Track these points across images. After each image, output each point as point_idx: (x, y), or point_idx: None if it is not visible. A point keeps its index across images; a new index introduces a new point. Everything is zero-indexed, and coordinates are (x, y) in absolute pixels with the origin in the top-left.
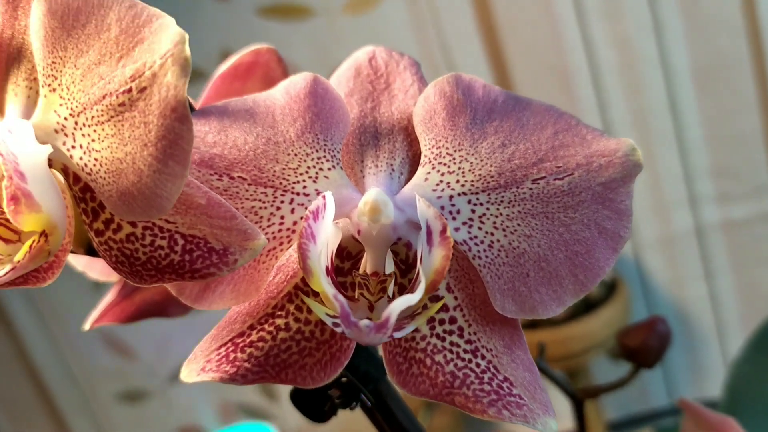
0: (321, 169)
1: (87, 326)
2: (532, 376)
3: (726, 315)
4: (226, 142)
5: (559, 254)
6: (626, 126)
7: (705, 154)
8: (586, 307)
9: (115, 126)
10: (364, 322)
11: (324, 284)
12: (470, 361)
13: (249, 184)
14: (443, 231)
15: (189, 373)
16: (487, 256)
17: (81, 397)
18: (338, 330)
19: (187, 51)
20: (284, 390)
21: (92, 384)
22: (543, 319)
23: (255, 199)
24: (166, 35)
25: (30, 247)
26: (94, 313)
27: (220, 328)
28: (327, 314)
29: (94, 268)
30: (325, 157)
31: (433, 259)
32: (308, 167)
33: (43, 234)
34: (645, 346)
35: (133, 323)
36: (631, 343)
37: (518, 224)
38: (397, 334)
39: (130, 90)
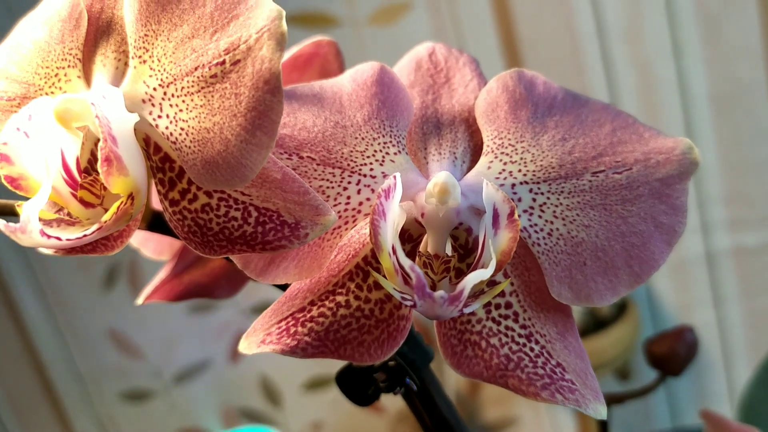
0: (387, 153)
1: (140, 301)
2: (583, 363)
3: (733, 342)
4: (296, 124)
5: (615, 245)
6: None
7: (719, 180)
8: (596, 325)
9: (205, 97)
10: (439, 293)
11: (400, 257)
12: (524, 345)
13: (318, 164)
14: (511, 214)
15: (249, 345)
16: (546, 244)
17: (85, 394)
18: (407, 303)
19: (284, 26)
20: (287, 396)
21: (97, 382)
22: None
23: (323, 179)
24: (262, 11)
25: (117, 208)
26: (147, 289)
27: (280, 304)
28: (395, 289)
29: (147, 246)
30: (391, 142)
31: (500, 241)
32: (375, 151)
33: (130, 197)
34: (672, 353)
35: (182, 301)
36: (659, 350)
37: (577, 214)
38: (465, 310)
39: (223, 62)
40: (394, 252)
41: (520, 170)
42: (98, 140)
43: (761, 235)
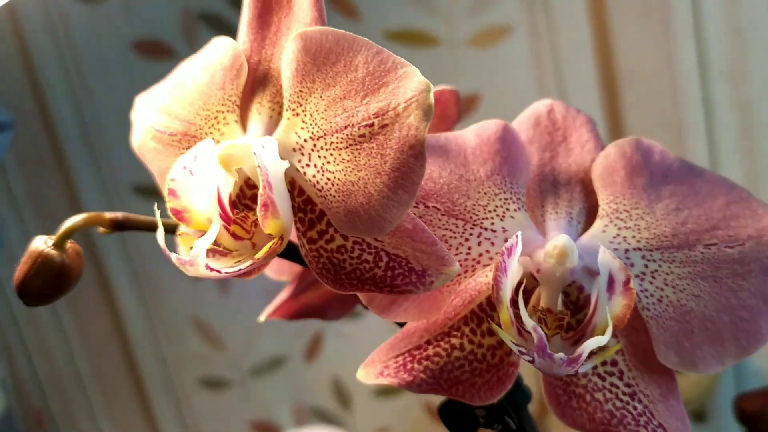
0: (508, 209)
1: (262, 318)
2: (684, 426)
3: None
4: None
5: (724, 317)
6: None
7: None
8: None
9: (352, 153)
10: (559, 355)
11: (524, 317)
12: (628, 403)
13: (442, 215)
14: (627, 282)
15: (367, 375)
16: (655, 309)
17: (167, 377)
18: (526, 359)
19: (431, 99)
20: (358, 399)
21: (179, 366)
22: None
23: (446, 229)
24: (411, 81)
25: (270, 248)
26: (269, 308)
27: (398, 340)
28: (513, 342)
29: (270, 267)
30: (511, 198)
31: (614, 307)
32: (496, 206)
33: (281, 238)
34: (763, 412)
35: (296, 320)
36: (750, 408)
37: (687, 284)
38: (580, 370)
39: (372, 125)
40: (513, 306)
41: (634, 236)
42: (247, 178)
43: None
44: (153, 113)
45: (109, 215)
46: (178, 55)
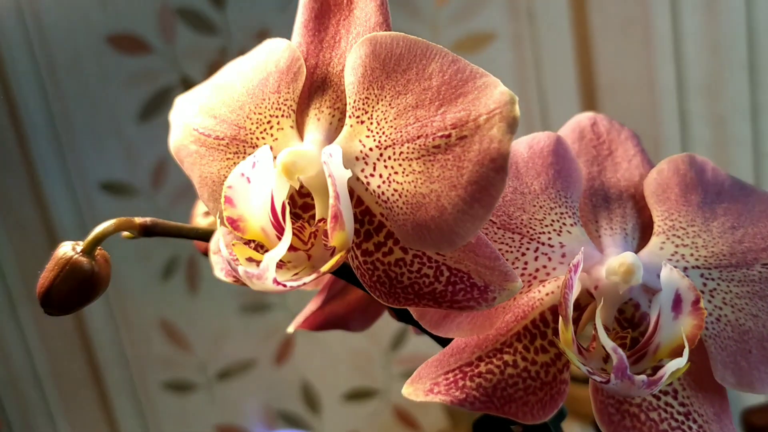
0: (564, 224)
1: (291, 329)
2: None
3: None
4: None
5: None
6: None
7: None
8: None
9: (424, 164)
10: (641, 377)
11: (602, 337)
12: (683, 423)
13: (498, 228)
14: (696, 301)
15: (414, 392)
16: (714, 328)
17: (129, 381)
18: (596, 379)
19: (517, 111)
20: (326, 404)
21: (142, 369)
22: None
23: (502, 243)
24: (492, 93)
25: (337, 261)
26: (298, 319)
27: (446, 356)
28: (581, 362)
29: None
30: (567, 213)
31: (686, 327)
32: (552, 220)
33: (348, 251)
34: None
35: (321, 330)
36: (759, 422)
37: (746, 303)
38: (654, 391)
39: (449, 136)
40: (573, 322)
41: (692, 254)
42: (300, 187)
43: None
44: (195, 115)
45: (138, 220)
46: (154, 50)
